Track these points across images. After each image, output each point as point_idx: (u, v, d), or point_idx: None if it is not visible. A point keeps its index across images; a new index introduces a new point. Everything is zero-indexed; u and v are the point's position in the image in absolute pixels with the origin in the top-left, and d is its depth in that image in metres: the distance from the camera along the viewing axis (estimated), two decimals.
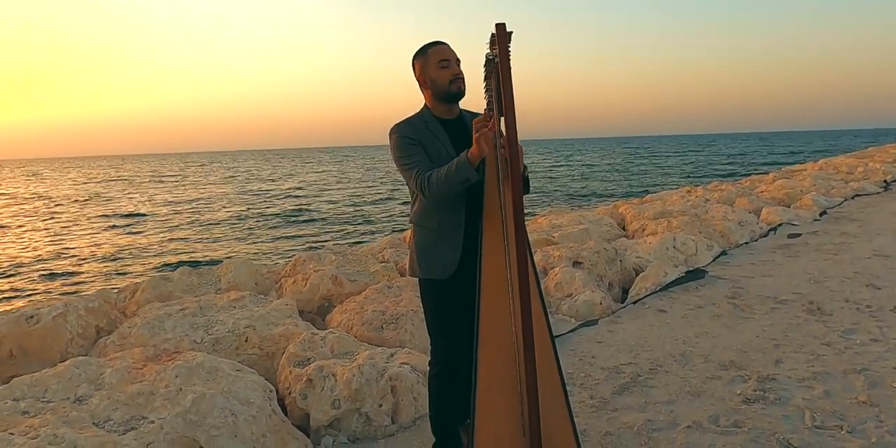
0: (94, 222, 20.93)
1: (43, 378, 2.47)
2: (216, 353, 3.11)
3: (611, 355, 3.35)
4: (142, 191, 35.94)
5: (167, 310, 3.56)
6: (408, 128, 1.99)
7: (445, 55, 1.95)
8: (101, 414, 2.28)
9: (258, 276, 4.79)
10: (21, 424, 2.14)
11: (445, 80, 1.95)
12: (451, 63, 1.94)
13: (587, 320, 4.03)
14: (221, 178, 48.07)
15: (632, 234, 7.14)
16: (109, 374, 2.51)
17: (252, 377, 2.62)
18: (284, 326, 3.38)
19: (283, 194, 30.10)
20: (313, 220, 19.66)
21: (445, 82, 1.95)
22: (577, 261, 4.97)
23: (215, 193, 31.42)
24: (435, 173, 1.86)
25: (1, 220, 22.97)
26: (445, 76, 1.95)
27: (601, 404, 2.74)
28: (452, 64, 1.95)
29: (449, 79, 1.95)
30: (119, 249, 15.01)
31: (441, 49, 1.96)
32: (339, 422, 2.70)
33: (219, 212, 22.84)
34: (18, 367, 3.30)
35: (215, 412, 2.34)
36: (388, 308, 3.60)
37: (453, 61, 1.95)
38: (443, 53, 1.95)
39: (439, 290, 2.06)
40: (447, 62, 1.94)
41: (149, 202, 28.33)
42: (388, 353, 2.99)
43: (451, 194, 1.89)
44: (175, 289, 4.38)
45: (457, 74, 1.95)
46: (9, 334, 3.36)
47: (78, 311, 3.61)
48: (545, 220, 7.39)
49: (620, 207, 8.70)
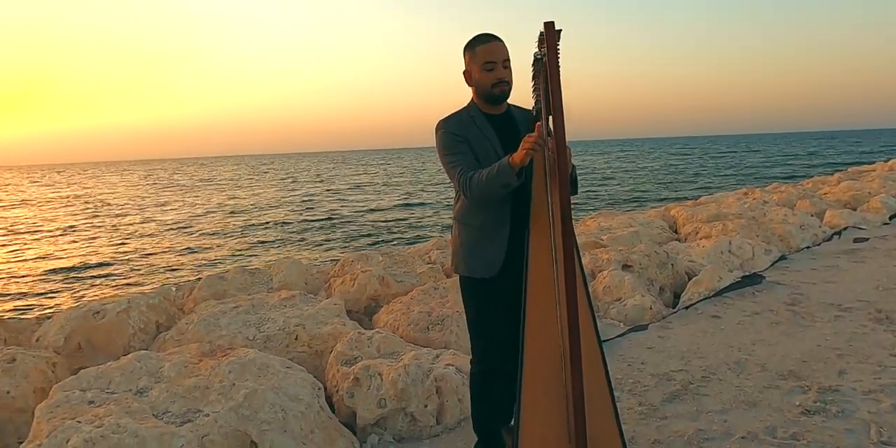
0: (158, 225, 21.89)
1: (108, 370, 2.60)
2: (267, 350, 3.20)
3: (661, 361, 3.26)
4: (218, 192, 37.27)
5: (222, 307, 3.69)
6: (454, 124, 1.95)
7: (492, 56, 1.88)
8: (161, 406, 2.39)
9: (308, 276, 4.90)
10: (87, 413, 2.26)
11: (488, 83, 1.91)
12: (496, 66, 1.88)
13: (636, 325, 3.94)
14: (278, 180, 49.39)
15: (684, 238, 6.94)
16: (168, 367, 2.62)
17: (301, 374, 2.69)
18: (333, 325, 3.45)
19: (335, 197, 30.70)
20: (360, 222, 19.97)
21: (488, 85, 1.91)
22: (626, 264, 4.87)
23: (268, 198, 32.36)
24: (477, 175, 1.83)
25: (73, 220, 24.34)
26: (489, 79, 1.90)
27: (650, 411, 2.67)
28: (498, 67, 1.89)
29: (492, 82, 1.90)
30: (188, 245, 15.67)
31: (489, 49, 1.88)
32: (385, 420, 2.73)
33: (268, 215, 23.51)
34: (86, 360, 3.49)
35: (266, 407, 2.41)
36: (433, 309, 3.63)
37: (499, 64, 1.89)
38: (489, 54, 1.88)
39: (482, 289, 2.04)
40: (493, 65, 1.88)
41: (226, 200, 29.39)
42: (434, 354, 3.01)
43: (493, 196, 1.87)
44: (229, 287, 4.54)
45: (501, 78, 1.90)
46: (78, 328, 3.55)
47: (140, 308, 3.79)
48: (594, 223, 7.27)
49: (672, 210, 8.46)
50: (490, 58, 1.88)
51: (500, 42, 1.90)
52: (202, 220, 22.16)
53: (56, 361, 3.09)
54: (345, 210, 23.70)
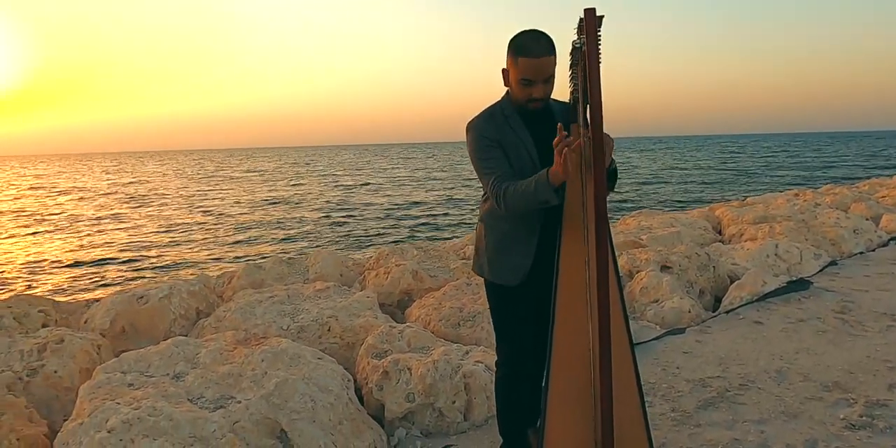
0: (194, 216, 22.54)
1: (147, 354, 2.69)
2: (300, 341, 3.25)
3: (697, 367, 3.17)
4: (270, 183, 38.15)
5: (258, 296, 3.77)
6: (487, 125, 1.85)
7: (531, 73, 1.73)
8: (195, 391, 2.45)
9: (343, 268, 4.96)
10: (126, 395, 2.34)
11: (523, 97, 1.80)
12: (534, 84, 1.75)
13: (673, 328, 3.84)
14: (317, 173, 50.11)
15: (728, 239, 6.72)
16: (204, 354, 2.69)
17: (332, 366, 2.72)
18: (365, 318, 3.48)
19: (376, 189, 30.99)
20: (400, 215, 20.10)
21: (522, 100, 1.81)
22: (665, 265, 4.75)
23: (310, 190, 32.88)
24: (513, 187, 1.73)
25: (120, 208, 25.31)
26: (524, 95, 1.79)
27: (683, 418, 2.60)
28: (536, 85, 1.75)
29: (527, 98, 1.80)
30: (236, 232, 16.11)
31: (533, 66, 1.72)
32: (413, 415, 2.74)
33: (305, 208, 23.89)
34: (129, 343, 3.62)
35: (296, 397, 2.45)
36: (465, 305, 3.62)
37: (539, 82, 1.75)
38: (529, 71, 1.73)
39: (507, 296, 1.98)
40: (530, 83, 1.75)
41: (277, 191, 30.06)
42: (464, 351, 3.00)
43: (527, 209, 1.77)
44: (267, 277, 4.63)
45: (536, 98, 1.78)
46: (122, 312, 3.69)
47: (181, 294, 3.91)
48: (634, 222, 7.12)
49: (717, 210, 8.21)
50: (530, 75, 1.74)
51: (549, 56, 1.72)
52: (246, 210, 22.70)
53: (101, 344, 3.22)
54: (386, 203, 23.89)
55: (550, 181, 1.63)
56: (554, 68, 1.76)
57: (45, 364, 2.85)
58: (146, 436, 2.09)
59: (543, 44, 1.71)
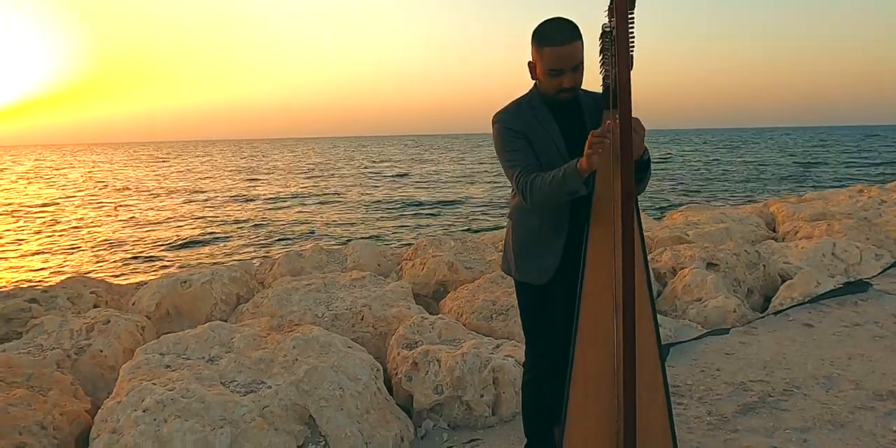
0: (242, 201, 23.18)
1: (185, 337, 2.77)
2: (334, 329, 3.29)
3: (739, 370, 3.04)
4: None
5: (295, 284, 3.84)
6: (513, 117, 1.80)
7: (559, 63, 1.67)
8: (228, 375, 2.52)
9: (381, 258, 4.99)
10: (163, 376, 2.42)
11: (552, 89, 1.74)
12: (563, 73, 1.68)
13: (716, 328, 3.70)
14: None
15: (782, 237, 6.41)
16: (238, 339, 2.76)
17: (361, 355, 2.74)
18: (398, 308, 3.49)
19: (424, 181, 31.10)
20: (444, 207, 20.11)
21: (551, 91, 1.75)
22: (711, 262, 4.57)
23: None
24: (539, 178, 1.68)
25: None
26: (553, 86, 1.73)
27: (720, 422, 2.50)
28: (565, 74, 1.68)
29: (556, 89, 1.73)
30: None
31: (559, 54, 1.65)
32: (441, 407, 2.73)
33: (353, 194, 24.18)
34: (173, 325, 3.75)
35: (325, 384, 2.48)
36: (499, 298, 3.58)
37: (567, 70, 1.68)
38: (557, 60, 1.67)
39: (535, 295, 1.94)
40: (559, 72, 1.69)
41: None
42: (494, 344, 2.97)
43: (555, 202, 1.73)
44: (306, 265, 4.71)
45: (567, 87, 1.71)
46: (167, 296, 3.82)
47: (223, 280, 4.02)
48: (680, 217, 6.89)
49: (772, 206, 7.84)
50: (558, 65, 1.68)
51: (575, 43, 1.65)
52: (293, 199, 23.18)
53: (144, 325, 3.34)
54: (429, 196, 23.93)
55: (579, 169, 1.58)
56: (582, 55, 1.69)
57: (91, 343, 2.98)
58: (178, 416, 2.15)
59: (568, 30, 1.65)
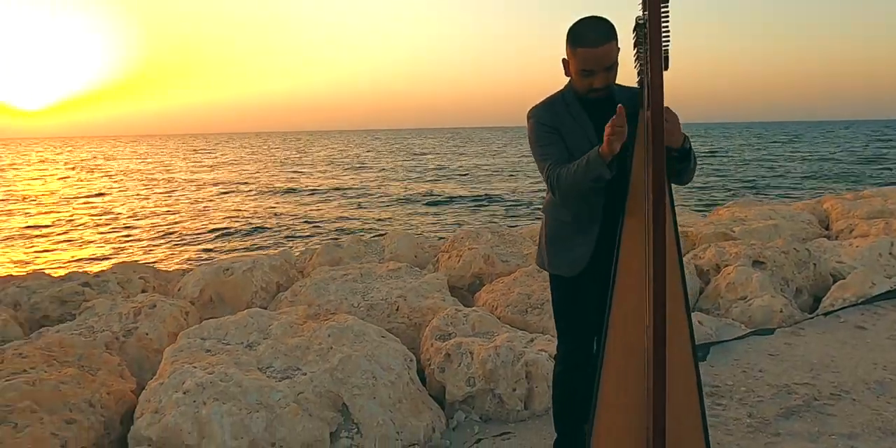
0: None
1: (225, 323, 2.85)
2: (369, 319, 3.33)
3: (783, 372, 2.93)
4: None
5: (333, 274, 3.90)
6: (546, 112, 1.81)
7: (591, 64, 1.67)
8: (265, 360, 2.58)
9: (418, 250, 5.02)
10: (203, 360, 2.50)
11: (584, 88, 1.74)
12: (595, 74, 1.69)
13: (761, 328, 3.57)
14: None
15: (836, 235, 6.14)
16: (276, 326, 2.82)
17: (394, 345, 2.76)
18: (433, 300, 3.50)
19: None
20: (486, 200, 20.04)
21: (583, 90, 1.75)
22: (758, 260, 4.41)
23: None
24: (565, 169, 1.69)
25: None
26: (585, 85, 1.73)
27: (761, 425, 2.41)
28: (597, 74, 1.69)
29: (588, 88, 1.73)
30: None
31: (591, 55, 1.65)
32: (473, 399, 2.73)
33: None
34: (216, 311, 3.86)
35: (358, 373, 2.51)
36: (535, 292, 3.55)
37: (599, 71, 1.68)
38: (588, 61, 1.67)
39: (567, 288, 1.94)
40: (591, 73, 1.69)
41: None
42: (528, 338, 2.95)
43: (583, 191, 1.72)
44: (344, 255, 4.78)
45: (598, 87, 1.71)
46: (210, 283, 3.94)
47: (263, 268, 4.11)
48: (727, 213, 6.67)
49: (826, 202, 7.51)
50: (589, 66, 1.68)
51: (607, 44, 1.65)
52: (335, 191, 23.50)
53: (188, 311, 3.46)
54: (466, 190, 23.86)
55: (601, 155, 1.58)
56: (615, 55, 1.69)
57: (138, 326, 3.10)
58: (216, 399, 2.22)
59: (602, 31, 1.65)
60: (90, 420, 2.21)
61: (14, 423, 2.01)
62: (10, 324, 3.20)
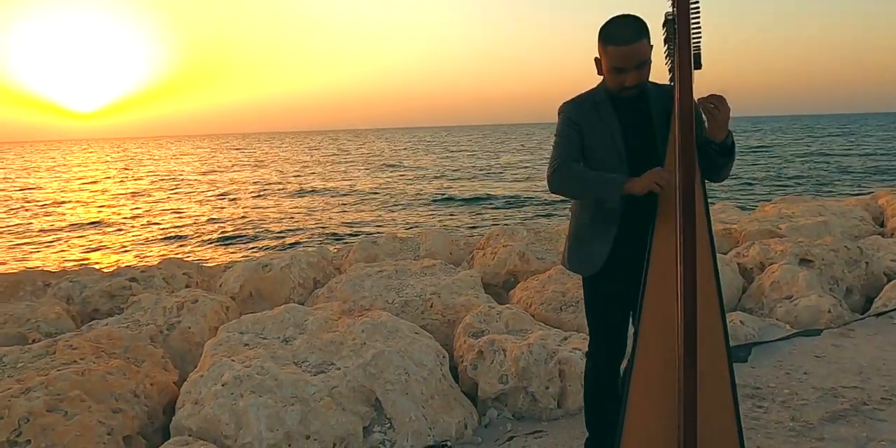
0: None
1: (263, 318, 2.92)
2: (404, 315, 3.36)
3: (830, 374, 2.81)
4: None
5: (368, 270, 3.94)
6: (574, 109, 1.83)
7: (622, 62, 1.67)
8: (301, 355, 2.63)
9: (453, 247, 5.03)
10: (241, 354, 2.57)
11: (615, 86, 1.74)
12: (626, 72, 1.68)
13: (807, 329, 3.44)
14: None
15: (890, 232, 5.85)
16: (311, 321, 2.87)
17: (427, 341, 2.78)
18: (466, 297, 3.50)
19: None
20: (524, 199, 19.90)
21: (615, 88, 1.75)
22: (805, 258, 4.24)
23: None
24: (580, 169, 1.72)
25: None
26: (616, 83, 1.73)
27: (804, 429, 2.33)
28: (628, 72, 1.68)
29: (619, 86, 1.72)
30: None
31: (622, 53, 1.65)
32: (506, 397, 2.73)
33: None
34: (255, 306, 3.96)
35: (391, 369, 2.53)
36: (569, 290, 3.51)
37: (630, 69, 1.67)
38: (619, 59, 1.67)
39: (589, 286, 1.98)
40: (622, 71, 1.69)
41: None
42: (562, 336, 2.92)
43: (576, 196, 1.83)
44: (380, 252, 4.82)
45: (629, 86, 1.71)
46: (250, 278, 4.04)
47: (301, 265, 4.19)
48: (773, 209, 6.44)
49: (881, 198, 7.16)
50: (620, 64, 1.68)
51: (638, 42, 1.64)
52: (369, 192, 23.66)
53: (229, 305, 3.55)
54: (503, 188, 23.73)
55: (625, 188, 1.64)
56: (647, 53, 1.67)
57: (181, 320, 3.20)
58: (253, 392, 2.28)
59: (633, 29, 1.65)
60: (135, 410, 2.30)
61: (64, 411, 2.11)
62: (63, 317, 3.36)
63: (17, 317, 3.22)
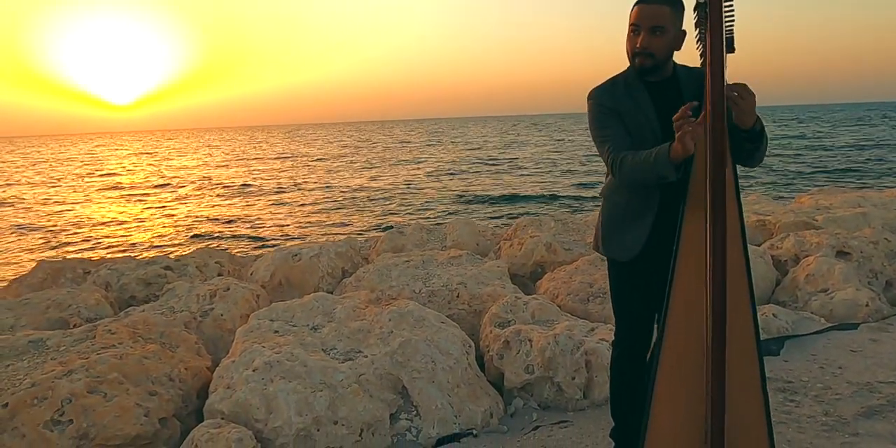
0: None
1: (292, 306, 2.98)
2: (430, 305, 3.38)
3: (866, 369, 2.74)
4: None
5: (395, 260, 3.97)
6: (606, 94, 1.78)
7: (638, 19, 1.64)
8: (329, 342, 2.68)
9: (480, 237, 5.03)
10: (271, 340, 2.63)
11: (629, 50, 1.70)
12: (639, 30, 1.64)
13: (843, 323, 3.35)
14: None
15: None
16: (339, 310, 2.92)
17: (453, 330, 2.80)
18: (493, 287, 3.51)
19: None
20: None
21: (629, 53, 1.70)
22: (842, 250, 4.13)
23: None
24: (631, 157, 1.65)
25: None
26: (630, 46, 1.69)
27: (838, 424, 2.28)
28: (641, 31, 1.64)
29: (632, 50, 1.68)
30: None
31: (640, 10, 1.64)
32: (532, 386, 2.73)
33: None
34: (285, 295, 4.04)
35: (418, 357, 2.56)
36: (596, 281, 3.48)
37: (645, 29, 1.63)
38: (637, 16, 1.64)
39: (621, 271, 1.92)
40: (637, 29, 1.65)
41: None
42: (589, 327, 2.90)
43: (645, 183, 1.70)
44: (407, 242, 4.85)
45: (641, 48, 1.65)
46: (280, 267, 4.12)
47: (329, 254, 4.25)
48: (810, 200, 6.27)
49: None
50: (636, 20, 1.65)
51: (662, 5, 1.62)
52: (410, 182, 23.60)
53: (259, 294, 3.63)
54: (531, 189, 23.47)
55: (671, 156, 1.54)
56: (667, 21, 1.63)
57: (214, 308, 3.29)
58: (283, 378, 2.33)
59: None
60: (170, 393, 2.38)
61: (104, 392, 2.19)
62: (102, 303, 3.48)
63: (60, 302, 3.35)
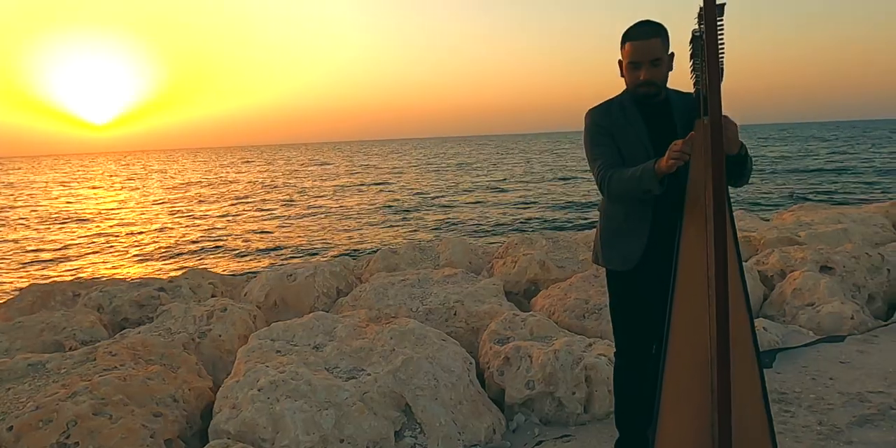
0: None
1: (293, 325, 2.99)
2: (428, 322, 3.41)
3: (856, 379, 2.82)
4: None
5: (391, 279, 4.00)
6: (601, 114, 1.90)
7: (637, 56, 1.77)
8: (332, 361, 2.69)
9: (472, 256, 5.08)
10: (274, 360, 2.63)
11: (632, 83, 1.83)
12: (641, 66, 1.78)
13: (830, 335, 3.45)
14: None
15: None
16: (340, 329, 2.93)
17: (455, 348, 2.83)
18: (490, 304, 3.55)
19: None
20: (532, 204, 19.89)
21: (632, 85, 1.84)
22: (826, 265, 4.25)
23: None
24: (618, 174, 1.78)
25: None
26: (632, 79, 1.82)
27: (832, 433, 2.34)
28: (643, 67, 1.77)
29: (636, 83, 1.81)
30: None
31: (637, 47, 1.76)
32: (533, 402, 2.76)
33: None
34: (280, 315, 4.03)
35: (420, 374, 2.58)
36: (592, 297, 3.55)
37: (645, 64, 1.77)
38: (635, 53, 1.77)
39: (620, 282, 2.00)
40: (637, 66, 1.78)
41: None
42: (587, 342, 2.95)
43: (632, 198, 1.82)
44: (401, 261, 4.89)
45: (644, 81, 1.79)
46: (275, 288, 4.12)
47: (324, 274, 4.27)
48: (791, 217, 6.44)
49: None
50: (635, 58, 1.78)
51: (654, 38, 1.75)
52: (400, 202, 23.65)
53: (256, 314, 3.63)
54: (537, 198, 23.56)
55: (656, 171, 1.66)
56: (661, 52, 1.76)
57: (211, 328, 3.28)
58: (289, 397, 2.34)
59: (648, 28, 1.76)
60: (174, 414, 2.37)
61: (109, 414, 2.18)
62: (97, 325, 3.45)
63: (54, 325, 3.32)
